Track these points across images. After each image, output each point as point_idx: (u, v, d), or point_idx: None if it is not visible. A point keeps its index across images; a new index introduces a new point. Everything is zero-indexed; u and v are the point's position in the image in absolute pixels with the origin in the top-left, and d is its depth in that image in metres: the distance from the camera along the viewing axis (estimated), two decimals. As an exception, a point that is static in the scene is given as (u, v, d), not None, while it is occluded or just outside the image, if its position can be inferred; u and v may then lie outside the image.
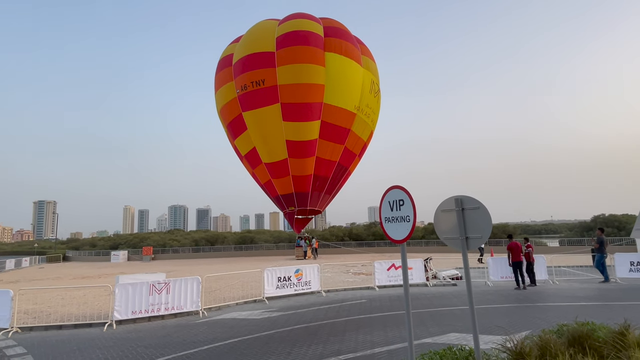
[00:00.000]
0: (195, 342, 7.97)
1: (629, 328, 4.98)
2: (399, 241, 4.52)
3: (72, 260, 56.82)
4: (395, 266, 15.10)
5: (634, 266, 14.47)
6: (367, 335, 7.88)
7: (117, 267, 36.31)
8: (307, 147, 18.52)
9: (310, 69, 17.88)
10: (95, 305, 13.01)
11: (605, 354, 4.54)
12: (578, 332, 5.07)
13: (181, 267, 31.05)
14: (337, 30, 19.52)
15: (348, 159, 20.29)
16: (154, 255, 49.32)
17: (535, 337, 4.90)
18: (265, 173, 19.51)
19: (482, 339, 5.50)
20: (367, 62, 20.09)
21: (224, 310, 11.77)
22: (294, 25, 18.83)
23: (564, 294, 11.98)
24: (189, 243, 57.12)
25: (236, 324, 9.74)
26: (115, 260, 47.63)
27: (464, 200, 4.65)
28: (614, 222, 46.76)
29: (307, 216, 21.33)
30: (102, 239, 78.64)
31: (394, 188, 4.63)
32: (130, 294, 10.49)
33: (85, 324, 10.19)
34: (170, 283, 11.10)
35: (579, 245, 33.65)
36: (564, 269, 18.66)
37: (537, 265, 14.56)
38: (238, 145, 20.29)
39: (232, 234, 72.59)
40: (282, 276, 13.55)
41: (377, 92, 20.85)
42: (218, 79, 20.64)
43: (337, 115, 18.58)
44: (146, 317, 10.61)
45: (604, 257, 14.38)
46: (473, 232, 4.56)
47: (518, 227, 61.07)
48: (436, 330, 7.90)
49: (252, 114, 18.51)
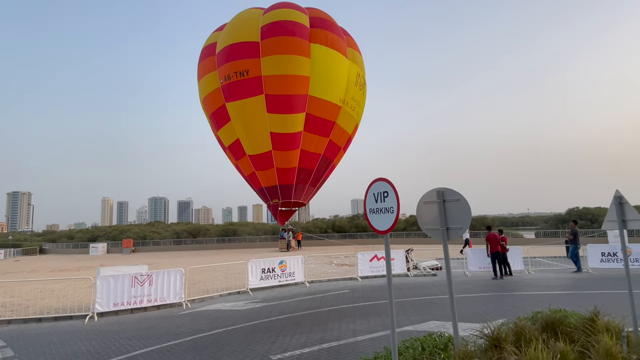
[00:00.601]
0: (179, 334, 7.98)
1: (598, 314, 5.27)
2: (383, 232, 4.63)
3: (48, 252, 55.40)
4: (377, 257, 15.35)
5: (605, 257, 15.10)
6: (350, 324, 8.04)
7: (96, 260, 35.63)
8: (291, 139, 18.45)
9: (295, 60, 17.66)
10: (75, 297, 12.80)
11: (576, 339, 4.79)
12: (551, 318, 5.33)
13: (163, 260, 30.71)
14: (323, 21, 19.30)
15: (333, 152, 20.32)
16: (134, 248, 48.56)
17: (511, 324, 5.13)
18: (249, 165, 19.37)
19: (460, 326, 5.70)
20: (353, 54, 19.98)
21: (208, 301, 11.77)
22: (279, 15, 18.53)
23: (538, 284, 12.45)
24: (170, 235, 56.42)
25: (220, 315, 9.77)
26: (94, 252, 46.70)
27: (445, 193, 4.80)
28: (587, 214, 48.41)
29: (291, 208, 21.35)
30: (80, 231, 76.80)
31: (378, 180, 4.73)
32: (112, 286, 10.38)
33: (65, 317, 10.05)
34: (152, 275, 11.02)
35: (554, 237, 34.82)
36: (539, 259, 19.34)
37: (513, 256, 15.06)
38: (221, 136, 20.05)
39: (215, 226, 71.88)
40: (266, 268, 13.61)
41: (362, 85, 20.84)
42: (201, 68, 20.27)
43: (322, 107, 18.52)
44: (128, 309, 10.53)
45: (578, 248, 14.96)
46: (453, 223, 4.71)
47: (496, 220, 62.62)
48: (417, 319, 8.12)
49: (235, 104, 18.29)
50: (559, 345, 4.29)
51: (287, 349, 6.47)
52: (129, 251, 47.06)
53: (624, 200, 6.14)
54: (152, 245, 50.83)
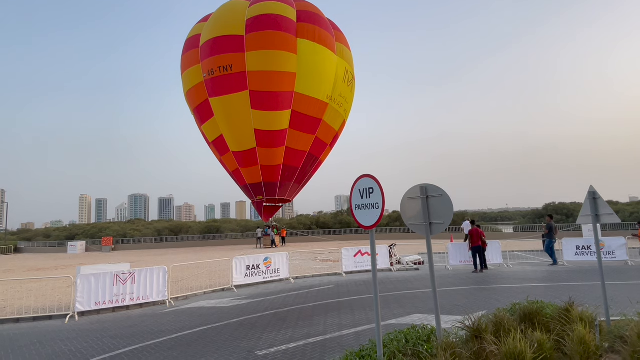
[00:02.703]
0: (162, 332, 7.92)
1: (573, 305, 5.51)
2: (368, 227, 4.71)
3: (24, 252, 53.74)
4: (361, 252, 15.51)
5: (580, 250, 15.65)
6: (335, 318, 8.14)
7: (75, 259, 34.79)
8: (276, 136, 18.28)
9: (281, 55, 17.37)
10: (54, 297, 12.52)
11: (552, 329, 5.00)
12: (529, 309, 5.55)
13: (145, 258, 30.22)
14: (311, 15, 18.85)
15: (319, 149, 20.23)
16: (114, 246, 47.54)
17: (491, 315, 5.31)
18: (233, 161, 19.20)
19: (443, 319, 5.86)
20: (342, 49, 19.62)
21: (192, 299, 11.69)
22: (266, 7, 18.05)
23: (517, 277, 12.83)
24: (152, 233, 55.39)
25: (205, 312, 9.73)
26: (72, 251, 45.48)
27: (428, 189, 4.91)
28: (563, 209, 49.96)
29: (276, 204, 21.30)
30: (57, 230, 74.52)
31: (364, 177, 4.81)
32: (93, 284, 10.19)
33: (44, 317, 9.82)
34: (135, 273, 10.87)
35: (531, 231, 35.79)
36: (518, 253, 19.90)
37: (493, 250, 15.48)
38: (205, 130, 19.78)
39: (197, 223, 70.94)
40: (251, 264, 13.59)
41: (350, 81, 20.60)
42: (184, 60, 19.83)
43: (308, 105, 18.27)
44: (110, 308, 10.37)
45: (553, 242, 15.45)
46: (436, 218, 4.84)
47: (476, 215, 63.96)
48: (400, 312, 8.29)
49: (219, 100, 18.05)
50: (536, 335, 4.47)
51: (273, 345, 6.52)
52: (109, 249, 46.07)
53: (597, 196, 6.40)
54: (132, 243, 49.87)
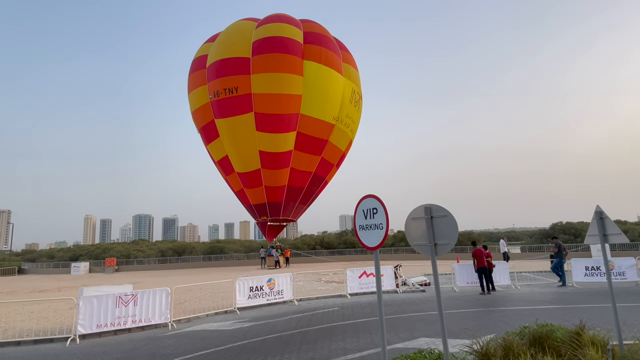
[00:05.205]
0: (164, 355, 7.78)
1: (584, 329, 5.36)
2: (373, 248, 4.67)
3: (28, 272, 53.52)
4: (366, 274, 15.31)
5: (589, 271, 15.35)
6: (339, 342, 7.97)
7: (78, 280, 34.59)
8: (281, 158, 18.21)
9: (286, 78, 17.43)
10: (56, 319, 12.39)
11: (563, 353, 4.86)
12: (538, 333, 5.41)
13: (147, 279, 30.00)
14: (318, 36, 18.89)
15: (325, 170, 20.05)
16: (117, 267, 47.30)
17: (500, 339, 5.18)
18: (238, 182, 19.23)
19: (450, 343, 5.72)
20: (349, 70, 19.59)
21: (194, 322, 11.53)
22: (272, 30, 18.16)
23: (525, 298, 12.56)
24: (155, 254, 55.19)
25: (207, 335, 9.57)
26: (75, 272, 45.29)
27: (432, 209, 4.88)
28: (571, 229, 49.23)
29: (280, 223, 21.17)
30: (61, 250, 74.55)
31: (368, 197, 4.80)
32: (95, 306, 10.10)
33: (46, 339, 9.70)
34: (137, 295, 10.77)
35: (539, 251, 35.26)
36: (525, 274, 19.54)
37: (500, 271, 15.21)
38: (211, 150, 19.87)
39: (201, 244, 70.72)
40: (255, 286, 13.43)
41: (357, 101, 20.43)
42: (191, 81, 20.03)
43: (314, 126, 18.19)
44: (112, 331, 10.23)
45: (562, 261, 15.20)
46: (441, 238, 4.78)
47: (482, 235, 63.15)
48: (407, 336, 8.10)
49: (224, 122, 18.21)
50: (547, 359, 4.34)
51: (277, 369, 6.37)
52: (112, 270, 45.81)
53: (604, 215, 6.33)
54: (136, 264, 49.61)
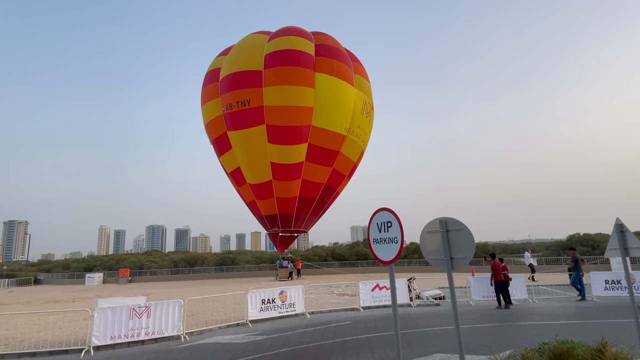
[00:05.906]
0: (178, 368, 7.77)
1: (606, 345, 5.19)
2: (387, 262, 4.63)
3: (43, 283, 54.36)
4: (379, 287, 15.12)
5: (609, 284, 14.92)
6: (353, 357, 7.86)
7: (92, 291, 34.97)
8: (292, 170, 18.37)
9: (298, 91, 17.66)
10: (71, 330, 12.51)
11: (584, 371, 4.71)
12: (559, 350, 5.25)
13: (160, 290, 30.16)
14: (330, 48, 19.15)
15: (336, 181, 20.15)
16: (130, 278, 47.71)
17: (518, 355, 5.05)
18: (250, 193, 19.37)
19: (467, 359, 5.59)
20: (360, 81, 19.76)
21: (207, 334, 11.51)
22: (284, 43, 18.51)
23: (543, 313, 12.24)
24: (168, 265, 55.55)
25: (219, 348, 9.54)
26: (89, 283, 45.82)
27: (448, 222, 4.82)
28: (589, 241, 48.02)
29: (292, 234, 21.16)
30: (76, 261, 75.50)
31: (381, 210, 4.77)
32: (109, 318, 10.17)
33: (60, 351, 9.79)
34: (151, 307, 10.83)
35: (556, 264, 34.42)
36: (543, 287, 19.09)
37: (516, 284, 14.88)
38: (224, 162, 20.13)
39: (213, 254, 70.93)
40: (267, 298, 13.38)
41: (369, 112, 20.63)
42: (204, 93, 20.44)
43: (325, 138, 18.35)
44: (125, 343, 10.27)
45: (580, 275, 14.81)
46: (457, 252, 4.71)
47: (497, 246, 62.06)
48: (421, 351, 7.95)
49: (236, 134, 18.47)
50: (569, 378, 4.21)
51: (290, 384, 6.30)
52: (125, 281, 46.22)
53: (624, 228, 6.17)
54: (149, 275, 49.97)
